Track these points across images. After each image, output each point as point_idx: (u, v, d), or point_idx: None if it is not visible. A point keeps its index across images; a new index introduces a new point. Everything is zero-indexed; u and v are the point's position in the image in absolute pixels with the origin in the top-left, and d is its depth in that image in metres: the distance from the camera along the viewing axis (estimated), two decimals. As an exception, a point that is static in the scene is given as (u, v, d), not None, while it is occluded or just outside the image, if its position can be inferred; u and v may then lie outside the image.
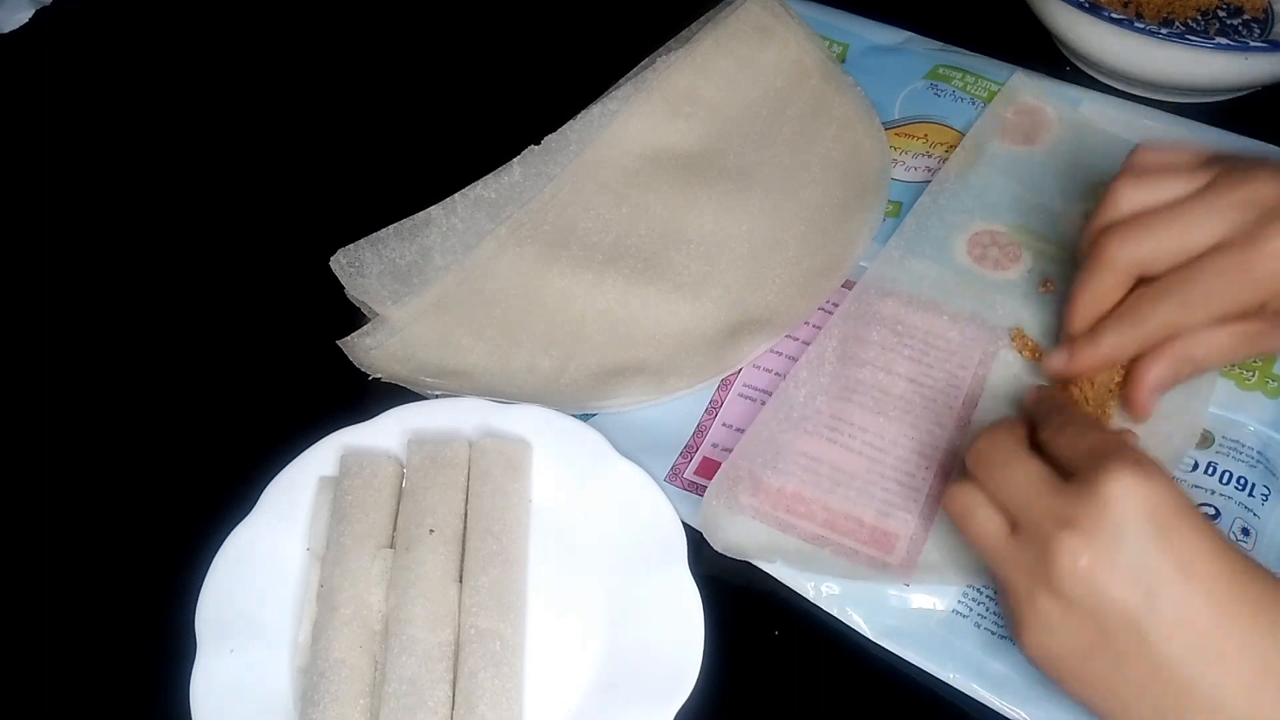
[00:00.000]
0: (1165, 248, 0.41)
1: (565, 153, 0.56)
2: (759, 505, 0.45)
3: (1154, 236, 0.41)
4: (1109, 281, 0.42)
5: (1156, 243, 0.41)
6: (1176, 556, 0.33)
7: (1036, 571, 0.34)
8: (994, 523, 0.37)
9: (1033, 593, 0.35)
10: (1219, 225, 0.40)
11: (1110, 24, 0.55)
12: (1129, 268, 0.41)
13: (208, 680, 0.40)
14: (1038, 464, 0.36)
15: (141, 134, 0.64)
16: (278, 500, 0.45)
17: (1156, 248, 0.41)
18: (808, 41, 0.61)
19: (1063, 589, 0.34)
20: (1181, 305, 0.41)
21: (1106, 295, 0.43)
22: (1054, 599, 0.34)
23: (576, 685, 0.41)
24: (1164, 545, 0.33)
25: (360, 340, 0.50)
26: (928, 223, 0.53)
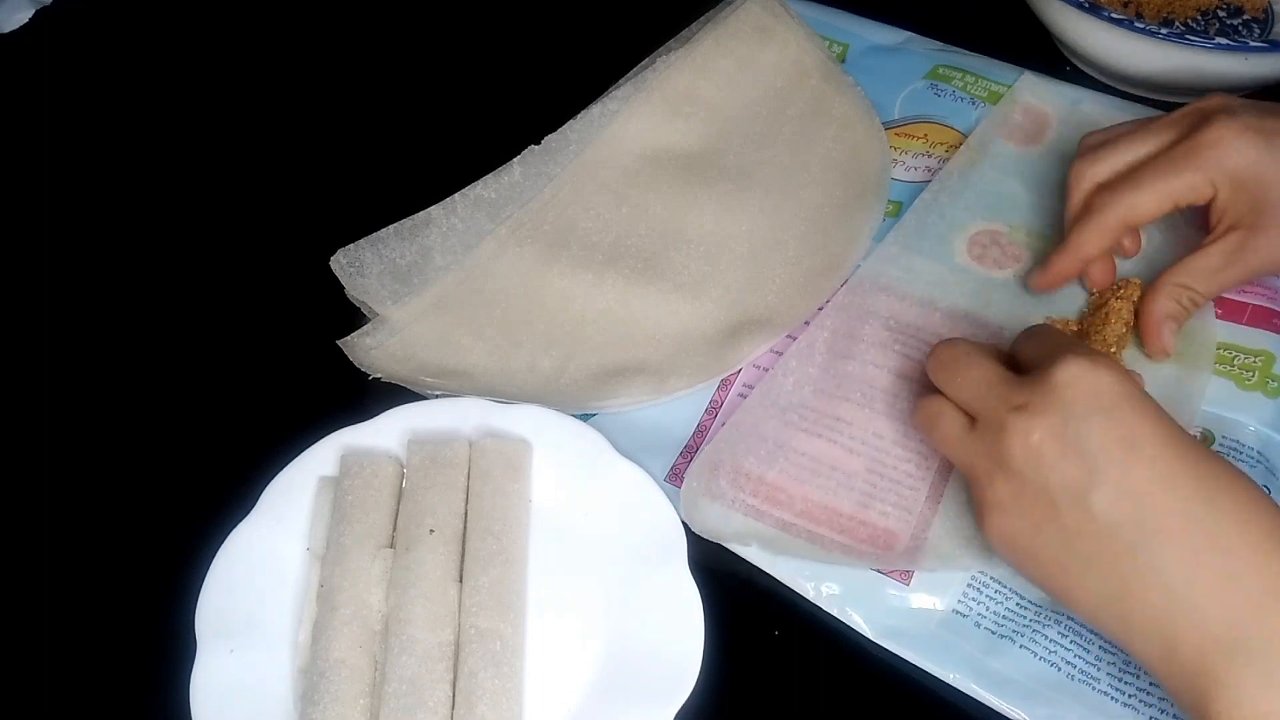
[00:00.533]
0: (1123, 157, 0.45)
1: (565, 153, 0.56)
2: (736, 495, 0.45)
3: (1112, 151, 0.46)
4: (1076, 195, 0.47)
5: (1115, 154, 0.46)
6: (1121, 434, 0.34)
7: (993, 455, 0.37)
8: (957, 422, 0.39)
9: (991, 475, 0.37)
10: (1170, 133, 0.45)
11: (1110, 24, 0.55)
12: (1091, 179, 0.46)
13: (208, 680, 0.40)
14: (993, 362, 0.39)
15: (141, 134, 0.64)
16: (278, 500, 0.45)
17: (1115, 157, 0.46)
18: (808, 41, 0.61)
19: (1015, 466, 0.36)
20: (1133, 189, 0.44)
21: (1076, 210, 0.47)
22: (1008, 479, 0.36)
23: (576, 685, 0.41)
24: (1109, 423, 0.35)
25: (360, 340, 0.50)
26: (927, 220, 0.53)
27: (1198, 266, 0.45)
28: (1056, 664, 0.40)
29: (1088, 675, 0.40)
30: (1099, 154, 0.46)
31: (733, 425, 0.47)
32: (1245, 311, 0.48)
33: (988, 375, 0.39)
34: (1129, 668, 0.40)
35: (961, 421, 0.39)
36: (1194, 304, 0.45)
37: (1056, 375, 0.36)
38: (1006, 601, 0.42)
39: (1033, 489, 0.36)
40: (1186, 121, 0.44)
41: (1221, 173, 0.43)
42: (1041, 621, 0.41)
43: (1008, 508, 0.37)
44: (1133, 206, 0.44)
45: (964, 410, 0.39)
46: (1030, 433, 0.35)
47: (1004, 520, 0.37)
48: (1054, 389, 0.36)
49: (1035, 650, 0.40)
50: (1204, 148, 0.43)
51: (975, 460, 0.38)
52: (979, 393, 0.38)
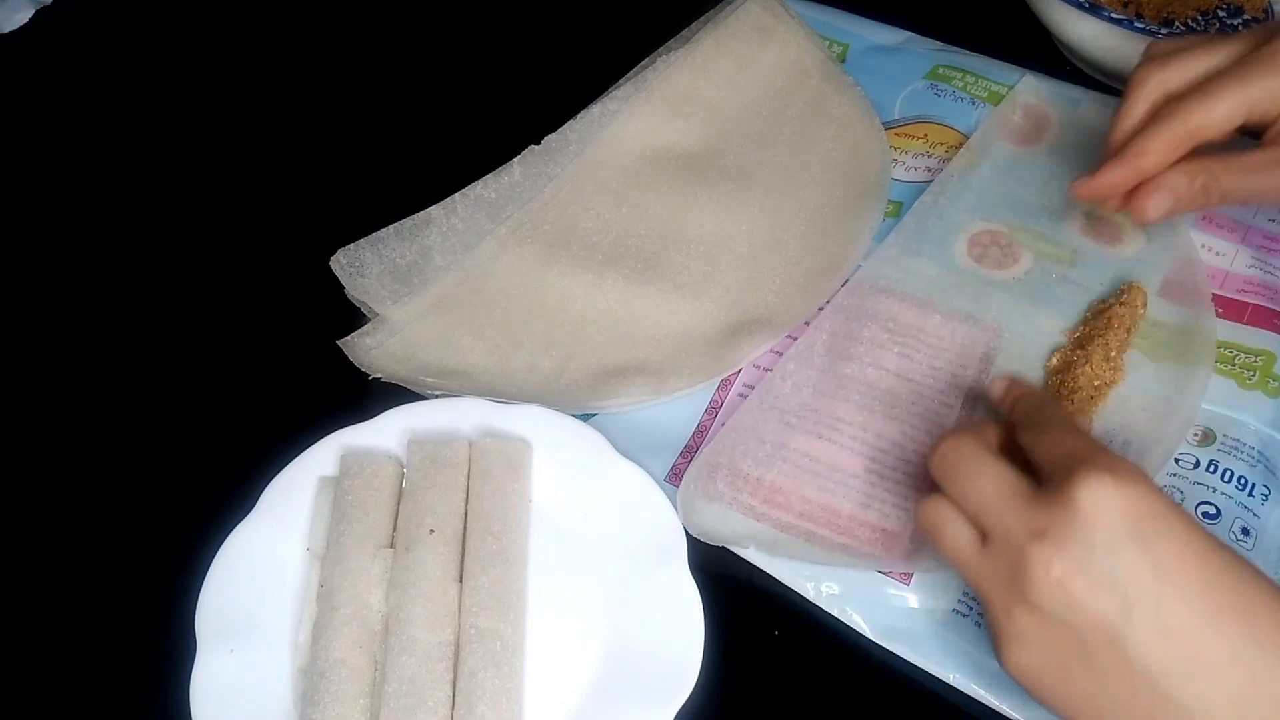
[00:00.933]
0: (1189, 67, 0.43)
1: (565, 153, 0.56)
2: (735, 495, 0.45)
3: (1178, 59, 0.43)
4: (1142, 101, 0.44)
5: (1185, 65, 0.43)
6: (1154, 563, 0.31)
7: (1011, 584, 0.33)
8: (965, 536, 0.35)
9: (1009, 606, 0.33)
10: (1238, 48, 0.42)
11: (1110, 24, 0.55)
12: (1156, 89, 0.43)
13: (208, 680, 0.40)
14: (1006, 469, 0.35)
15: (141, 134, 0.64)
16: (277, 500, 0.45)
17: (1184, 65, 0.43)
18: (808, 41, 0.61)
19: (1037, 601, 0.32)
20: (1205, 96, 0.41)
21: (1137, 120, 0.44)
22: (1029, 612, 0.33)
23: (576, 685, 0.41)
24: (1140, 551, 0.31)
25: (360, 340, 0.50)
26: (927, 222, 0.53)
27: (1234, 160, 0.42)
28: (1056, 664, 0.40)
29: (1088, 675, 0.40)
30: (1169, 60, 0.43)
31: (730, 427, 0.47)
32: (1246, 311, 0.48)
33: (1000, 487, 0.35)
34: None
35: (970, 535, 0.35)
36: (1206, 194, 0.42)
37: (1079, 496, 0.32)
38: (1006, 601, 0.42)
39: (1057, 625, 0.32)
40: (1257, 38, 0.42)
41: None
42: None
43: (1029, 641, 0.33)
44: (1205, 115, 0.41)
45: (973, 521, 0.36)
46: (1052, 565, 0.32)
47: (1025, 655, 0.33)
48: (1077, 513, 0.32)
49: (1035, 650, 0.40)
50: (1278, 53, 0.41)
51: (989, 585, 0.34)
52: (990, 506, 0.35)
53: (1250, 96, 0.41)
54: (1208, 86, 0.42)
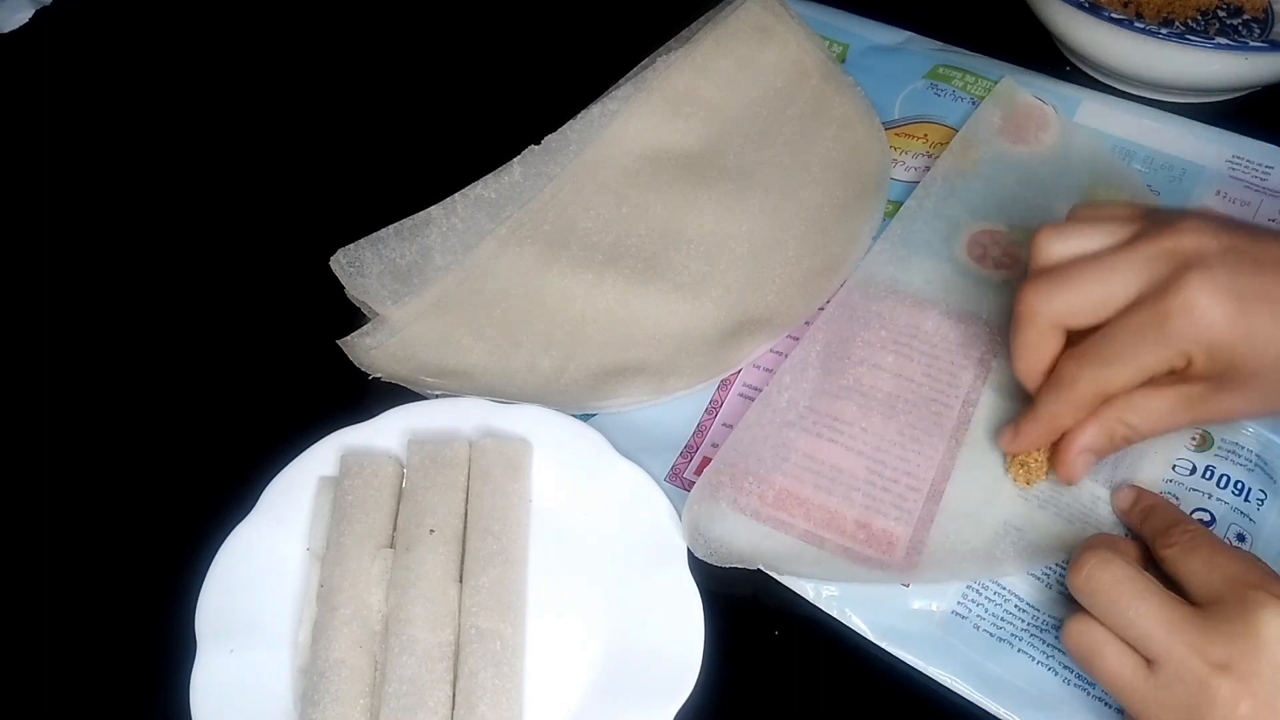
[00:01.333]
0: (1083, 299, 0.39)
1: (565, 153, 0.56)
2: (745, 502, 0.45)
3: (1071, 287, 0.40)
4: (1034, 336, 0.41)
5: (1074, 294, 0.40)
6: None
7: (1191, 715, 0.33)
8: (1129, 663, 0.35)
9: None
10: (1138, 276, 0.38)
11: (1110, 24, 0.55)
12: (1051, 320, 0.40)
13: (208, 680, 0.40)
14: (1167, 595, 0.35)
15: (141, 134, 0.64)
16: (278, 500, 0.45)
17: (1073, 299, 0.40)
18: (808, 41, 0.61)
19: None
20: (1103, 364, 0.39)
21: (1037, 350, 0.41)
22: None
23: (576, 685, 0.41)
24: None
25: (360, 340, 0.50)
26: (913, 226, 0.52)
27: (1147, 405, 0.40)
28: (1054, 668, 0.40)
29: (1084, 681, 0.40)
30: (1057, 286, 0.40)
31: (730, 446, 0.46)
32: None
33: (1165, 614, 0.34)
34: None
35: (1133, 661, 0.34)
36: (1126, 441, 0.41)
37: (1263, 629, 0.32)
38: (1005, 604, 0.42)
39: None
40: (1155, 265, 0.38)
41: (1194, 343, 0.37)
42: (1040, 625, 0.41)
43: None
44: (1105, 381, 0.40)
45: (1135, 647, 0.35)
46: (1239, 701, 0.32)
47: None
48: (1262, 647, 0.31)
49: (1033, 654, 0.40)
50: (1173, 316, 0.37)
51: (1160, 715, 0.34)
52: (1160, 634, 0.34)
53: (1147, 364, 0.39)
54: (1105, 352, 0.39)
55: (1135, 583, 0.35)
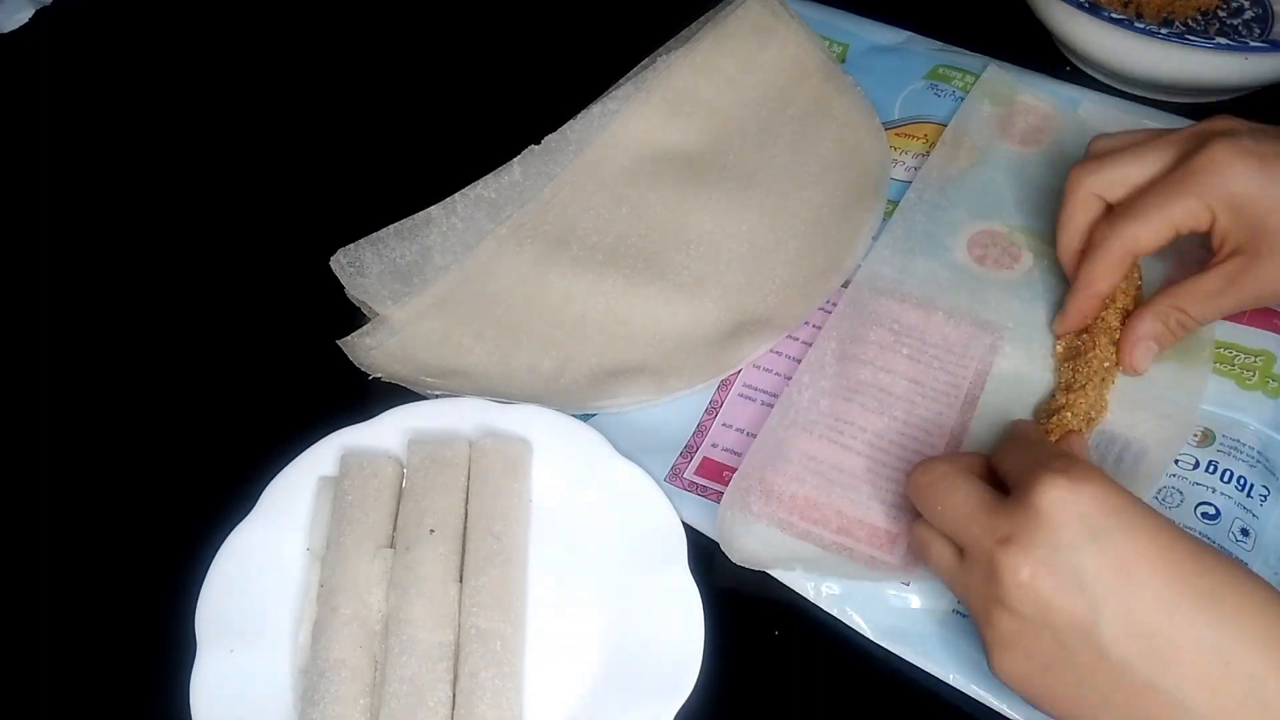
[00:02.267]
0: (1122, 173, 0.44)
1: (565, 152, 0.56)
2: (772, 512, 0.44)
3: (1112, 164, 0.45)
4: (1075, 207, 0.46)
5: (1114, 169, 0.45)
6: (1116, 559, 0.32)
7: (987, 592, 0.34)
8: (946, 553, 0.37)
9: (988, 613, 0.35)
10: (1172, 152, 0.43)
11: (1110, 24, 0.55)
12: (1091, 190, 0.45)
13: (208, 680, 0.40)
14: (974, 486, 0.37)
15: (141, 134, 0.64)
16: (278, 500, 0.45)
17: (1113, 173, 0.45)
18: (808, 41, 0.61)
19: (1013, 605, 0.33)
20: (1135, 218, 0.43)
21: (1076, 222, 0.46)
22: (1008, 616, 0.34)
23: (576, 685, 0.41)
24: (1101, 549, 0.32)
25: (360, 340, 0.50)
26: (914, 219, 0.53)
27: (1194, 289, 0.44)
28: (1056, 664, 0.40)
29: (1087, 675, 0.40)
30: (1100, 164, 0.45)
31: (757, 448, 0.46)
32: (1245, 311, 0.48)
33: (968, 502, 0.36)
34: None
35: (951, 551, 0.37)
36: (1183, 328, 0.45)
37: (1038, 500, 0.33)
38: (1006, 601, 0.42)
39: (1034, 627, 0.33)
40: (1187, 143, 0.43)
41: (1218, 198, 0.41)
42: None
43: (1012, 646, 0.34)
44: (1135, 238, 0.43)
45: (950, 538, 0.37)
46: (1020, 569, 0.33)
47: (1011, 660, 0.34)
48: (1037, 516, 0.33)
49: (1035, 650, 0.40)
50: (1199, 172, 0.42)
51: (971, 596, 0.36)
52: (961, 523, 0.36)
53: (1173, 216, 0.43)
54: (1135, 208, 0.43)
55: (947, 479, 0.38)
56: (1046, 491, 0.33)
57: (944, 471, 0.38)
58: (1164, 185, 0.43)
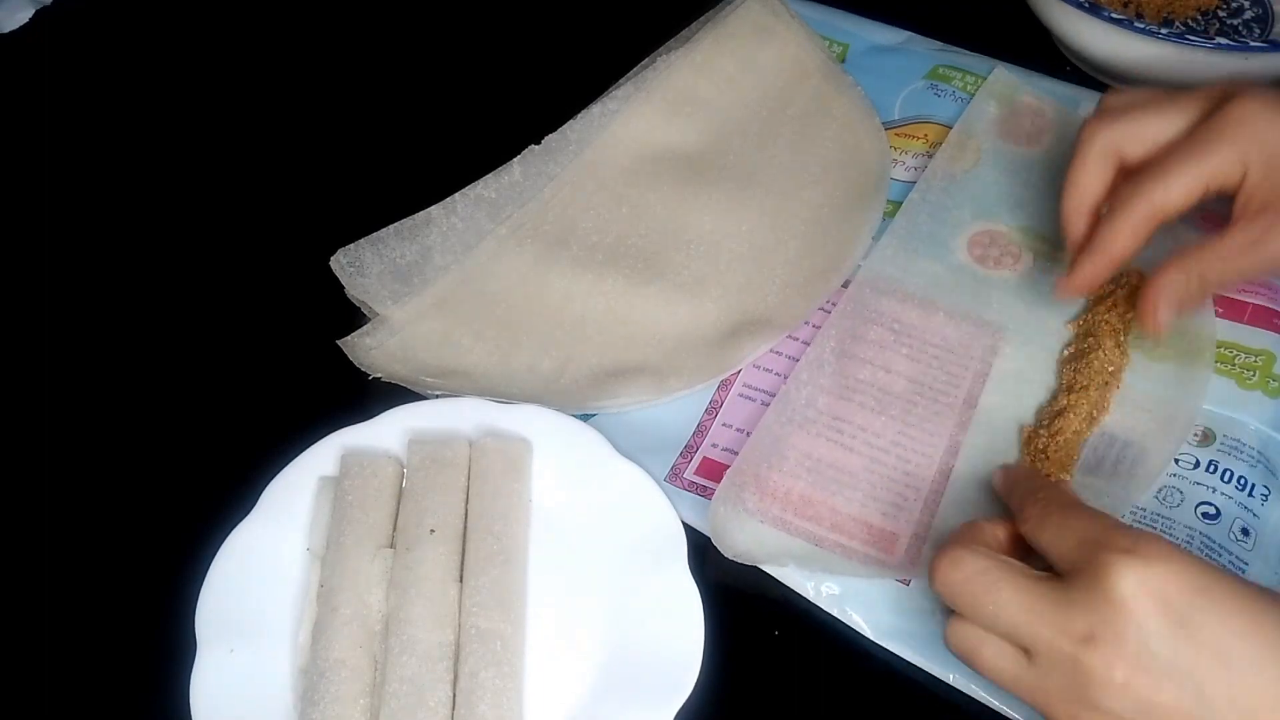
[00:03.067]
0: (1141, 128, 0.42)
1: (565, 152, 0.56)
2: (766, 508, 0.44)
3: (1131, 118, 0.42)
4: (1088, 163, 0.43)
5: (1132, 123, 0.42)
6: (1210, 645, 0.30)
7: (1072, 696, 0.32)
8: (1006, 657, 0.33)
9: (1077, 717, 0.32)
10: (1195, 110, 0.41)
11: (1110, 24, 0.55)
12: (1107, 145, 0.42)
13: (208, 680, 0.40)
14: (1022, 578, 0.33)
15: (141, 134, 0.64)
16: (278, 500, 0.45)
17: (1131, 127, 0.42)
18: (808, 41, 0.61)
19: (1109, 707, 0.31)
20: (1158, 178, 0.41)
21: (1088, 180, 0.43)
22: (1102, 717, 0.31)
23: (576, 685, 0.41)
24: (1192, 637, 0.30)
25: (360, 340, 0.50)
26: (918, 219, 0.53)
27: (1217, 249, 0.41)
28: (1056, 664, 0.40)
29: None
30: (1118, 117, 0.43)
31: (752, 444, 0.46)
32: (1246, 310, 0.48)
33: (1026, 598, 0.33)
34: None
35: (1011, 654, 0.33)
36: (1202, 289, 0.42)
37: (1114, 589, 0.31)
38: (1006, 601, 0.42)
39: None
40: (1209, 100, 0.41)
41: (1252, 150, 0.39)
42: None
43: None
44: (1164, 196, 0.41)
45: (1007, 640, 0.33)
46: (1113, 670, 0.30)
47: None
48: (1117, 608, 0.31)
49: (1035, 650, 0.40)
50: (1232, 124, 0.40)
51: (1049, 700, 0.32)
52: (1024, 624, 0.32)
53: (1205, 172, 0.40)
54: (1164, 165, 0.41)
55: (989, 574, 0.34)
56: (1122, 577, 0.31)
57: (980, 567, 0.34)
58: (1193, 140, 0.40)
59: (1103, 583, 0.31)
